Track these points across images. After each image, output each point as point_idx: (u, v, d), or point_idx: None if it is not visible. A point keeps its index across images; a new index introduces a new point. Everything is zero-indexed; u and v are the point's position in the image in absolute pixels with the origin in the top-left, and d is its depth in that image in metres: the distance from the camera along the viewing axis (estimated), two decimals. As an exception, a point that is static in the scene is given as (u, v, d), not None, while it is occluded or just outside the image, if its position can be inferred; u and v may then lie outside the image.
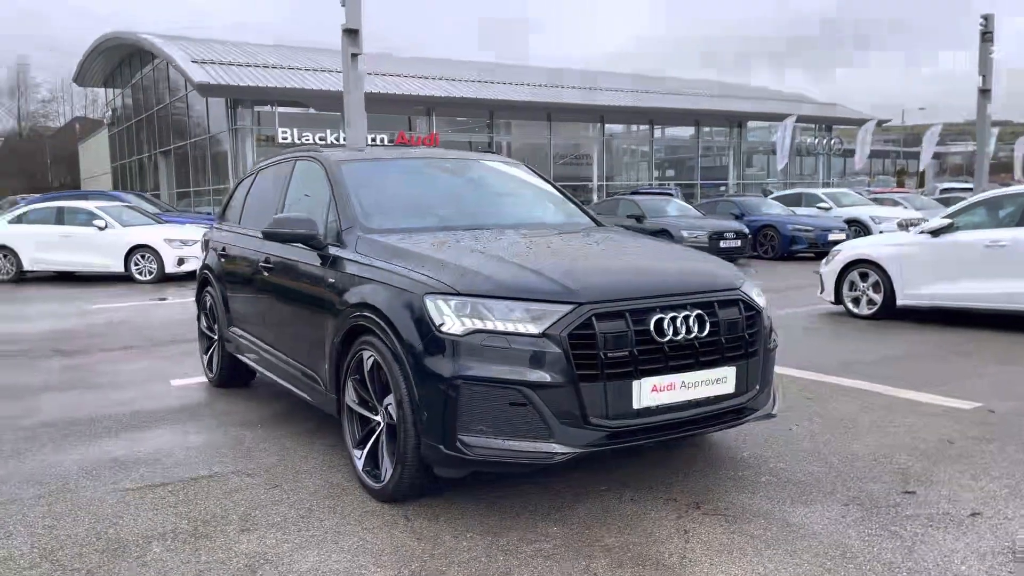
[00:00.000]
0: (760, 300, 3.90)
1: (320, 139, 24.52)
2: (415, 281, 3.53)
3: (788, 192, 23.53)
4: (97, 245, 14.71)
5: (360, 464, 3.85)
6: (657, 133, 36.60)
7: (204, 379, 6.38)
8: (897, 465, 4.14)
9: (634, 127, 36.00)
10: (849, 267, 9.37)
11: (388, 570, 3.07)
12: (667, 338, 3.40)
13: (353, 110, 13.44)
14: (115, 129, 43.05)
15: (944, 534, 3.30)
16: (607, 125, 34.11)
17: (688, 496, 3.76)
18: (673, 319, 3.42)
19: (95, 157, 50.13)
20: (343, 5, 13.05)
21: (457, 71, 30.48)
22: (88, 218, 15.05)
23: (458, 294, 3.37)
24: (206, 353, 6.34)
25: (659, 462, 4.22)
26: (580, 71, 36.77)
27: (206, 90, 23.81)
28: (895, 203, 23.14)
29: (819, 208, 20.94)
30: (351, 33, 13.13)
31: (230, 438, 4.82)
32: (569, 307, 3.29)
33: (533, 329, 3.26)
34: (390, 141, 26.28)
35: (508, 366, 3.24)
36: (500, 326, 3.28)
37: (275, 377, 5.00)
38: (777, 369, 6.26)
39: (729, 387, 3.62)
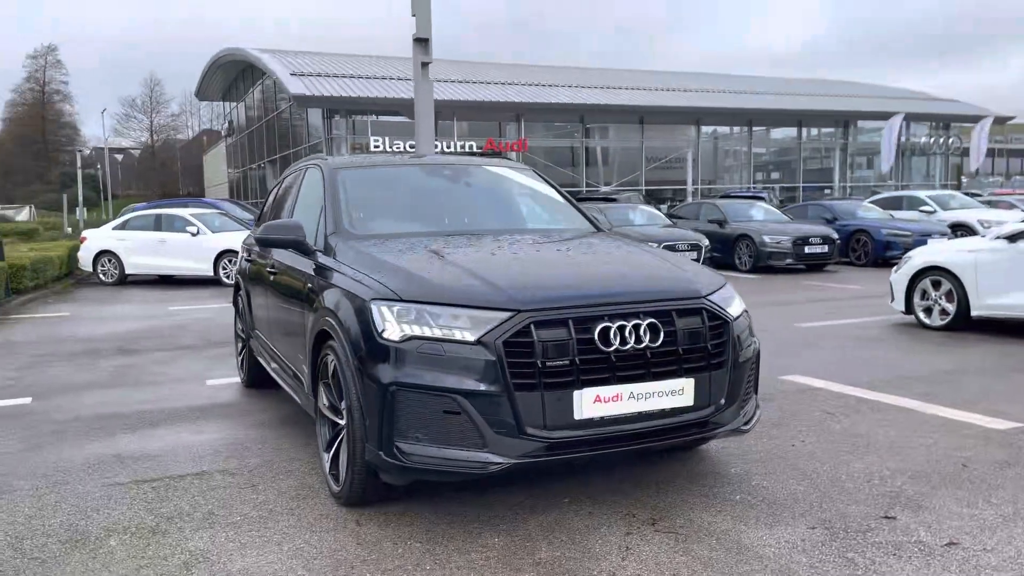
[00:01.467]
0: (732, 310, 3.72)
1: (411, 146, 25.02)
2: (366, 287, 3.56)
3: (888, 195, 22.36)
4: (190, 250, 15.54)
5: (327, 467, 3.91)
6: (761, 134, 35.51)
7: (238, 379, 6.63)
8: (891, 488, 3.86)
9: (735, 129, 35.07)
10: (920, 275, 8.80)
11: (314, 574, 3.10)
12: (613, 347, 3.29)
13: (421, 119, 13.65)
14: (231, 140, 45.39)
15: (904, 564, 3.05)
16: (704, 127, 33.40)
17: (649, 512, 3.63)
18: (621, 328, 3.31)
19: (215, 167, 53.07)
20: (413, 15, 13.32)
21: (549, 76, 30.54)
22: (183, 224, 15.92)
23: (401, 300, 3.37)
24: (239, 355, 6.60)
25: (635, 475, 4.09)
26: (675, 72, 36.19)
27: (303, 101, 24.80)
28: (1011, 206, 21.61)
29: (922, 212, 19.78)
30: (421, 42, 13.37)
31: (234, 438, 4.99)
32: (507, 314, 3.24)
33: (468, 336, 3.22)
34: (479, 148, 26.61)
35: (443, 373, 3.22)
36: (437, 333, 3.26)
37: (278, 379, 5.15)
38: (814, 382, 6.07)
39: (686, 400, 3.47)
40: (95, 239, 16.40)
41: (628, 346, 3.32)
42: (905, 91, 40.91)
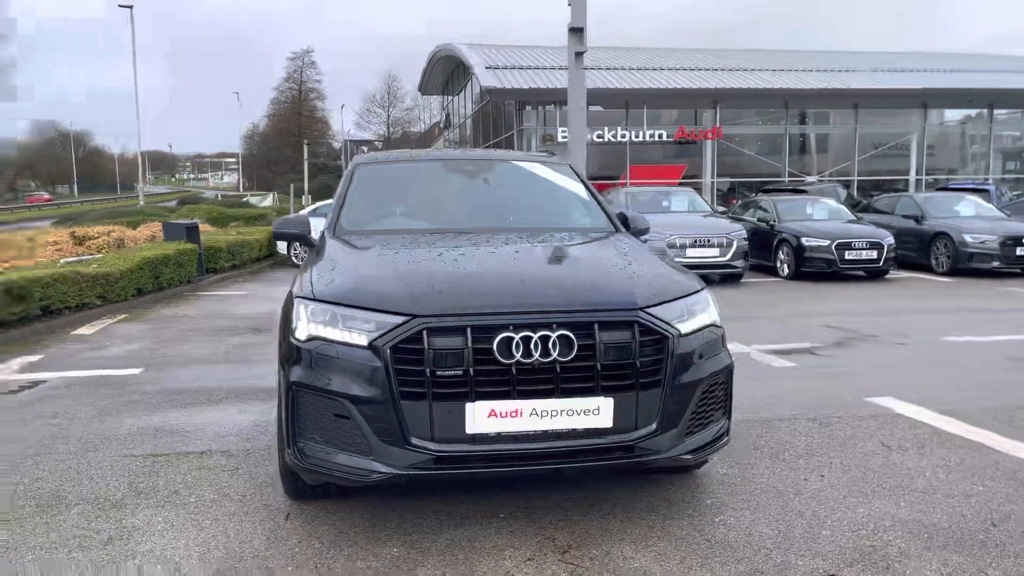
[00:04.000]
0: (683, 325, 3.33)
1: (598, 137, 24.86)
2: (300, 284, 3.59)
3: None
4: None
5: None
6: (1002, 116, 31.34)
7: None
8: (874, 542, 3.28)
9: (971, 112, 31.24)
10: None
11: (204, 559, 3.19)
12: (514, 359, 3.07)
13: (573, 108, 13.52)
14: (448, 133, 47.66)
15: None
16: (937, 110, 30.06)
17: (572, 539, 3.35)
18: (525, 339, 3.08)
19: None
20: (569, 4, 13.18)
21: (750, 60, 28.94)
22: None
23: (315, 300, 3.37)
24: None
25: (595, 495, 3.80)
26: (894, 52, 32.82)
27: (494, 93, 25.41)
28: None
29: None
30: (576, 32, 13.21)
31: (267, 420, 5.25)
32: (401, 319, 3.12)
33: (361, 340, 3.15)
34: (669, 137, 25.87)
35: (335, 376, 3.17)
36: (336, 335, 3.22)
37: None
38: (901, 407, 5.29)
39: (603, 421, 3.16)
40: (289, 225, 17.90)
41: (532, 359, 3.08)
42: None
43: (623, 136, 25.26)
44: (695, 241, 12.92)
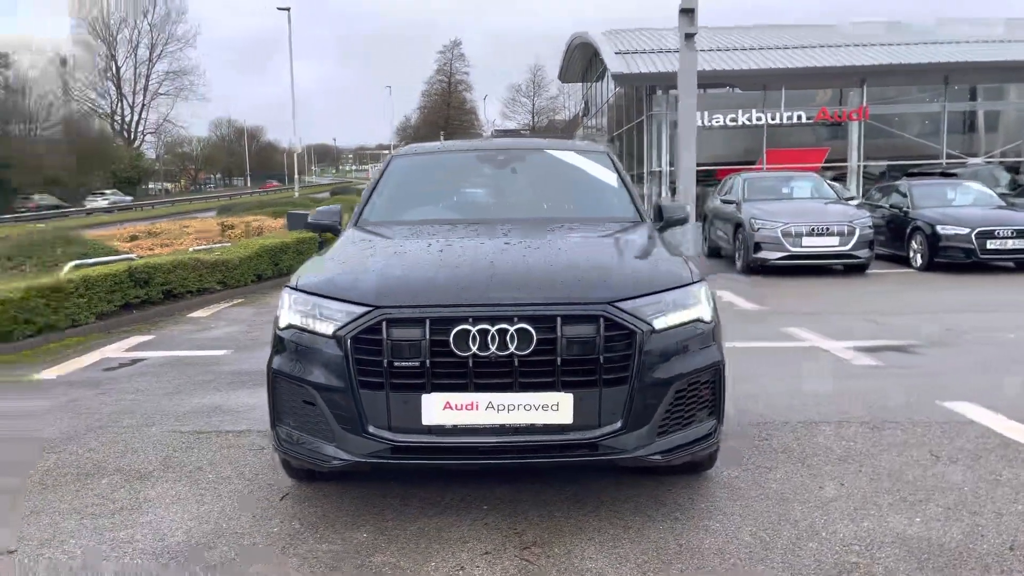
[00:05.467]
0: (658, 320, 3.19)
1: (731, 120, 23.95)
2: (296, 274, 3.72)
3: None
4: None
5: None
6: None
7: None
8: (857, 560, 3.02)
9: None
10: None
11: (189, 534, 3.38)
12: (470, 352, 3.05)
13: (684, 91, 13.12)
14: (587, 121, 47.42)
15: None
16: None
17: (540, 535, 3.29)
18: (482, 332, 3.05)
19: (577, 145, 55.90)
20: (679, -15, 12.77)
21: (903, 35, 26.85)
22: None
23: (297, 289, 3.48)
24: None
25: (588, 490, 3.70)
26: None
27: (621, 80, 24.99)
28: None
29: None
30: (687, 12, 12.81)
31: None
32: (364, 310, 3.17)
33: (328, 330, 3.22)
34: (808, 118, 24.51)
35: (305, 364, 3.27)
36: (308, 324, 3.31)
37: None
38: (977, 413, 4.83)
39: (563, 417, 3.08)
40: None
41: (489, 352, 3.05)
42: None
43: (759, 119, 24.16)
44: (812, 229, 12.21)
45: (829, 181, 16.42)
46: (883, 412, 4.92)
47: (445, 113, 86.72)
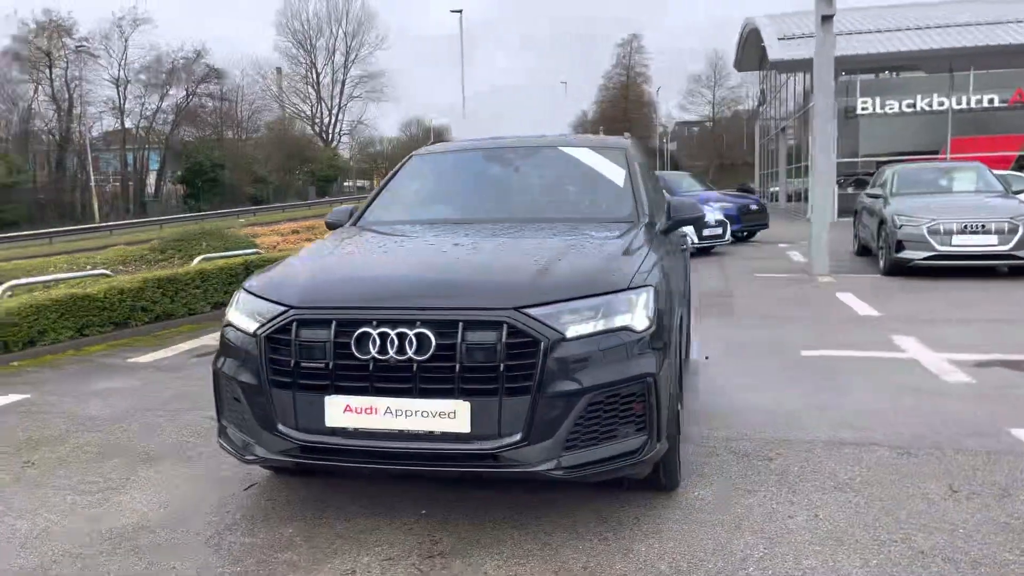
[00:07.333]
0: (577, 328, 3.00)
1: (907, 106, 21.97)
2: (253, 275, 3.84)
3: None
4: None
5: None
6: None
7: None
8: (772, 603, 2.68)
9: None
10: None
11: (144, 516, 3.59)
12: (369, 355, 3.03)
13: (819, 82, 12.17)
14: (764, 110, 45.31)
15: None
16: None
17: (455, 544, 3.19)
18: (383, 335, 3.02)
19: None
20: (818, -38, 11.84)
21: None
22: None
23: (243, 289, 3.59)
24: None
25: (544, 504, 3.55)
26: None
27: (780, 66, 23.64)
28: None
29: None
30: (825, -7, 11.84)
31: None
32: (280, 310, 3.22)
33: (250, 328, 3.31)
34: (1002, 101, 21.98)
35: (232, 361, 3.38)
36: (240, 322, 3.41)
37: None
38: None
39: (460, 426, 2.98)
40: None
41: (387, 356, 3.01)
42: None
43: (941, 104, 22.01)
44: (964, 227, 10.94)
45: (1002, 172, 14.65)
46: (932, 436, 4.35)
47: (623, 106, 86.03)
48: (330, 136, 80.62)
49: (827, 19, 11.90)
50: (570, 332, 3.01)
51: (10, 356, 7.13)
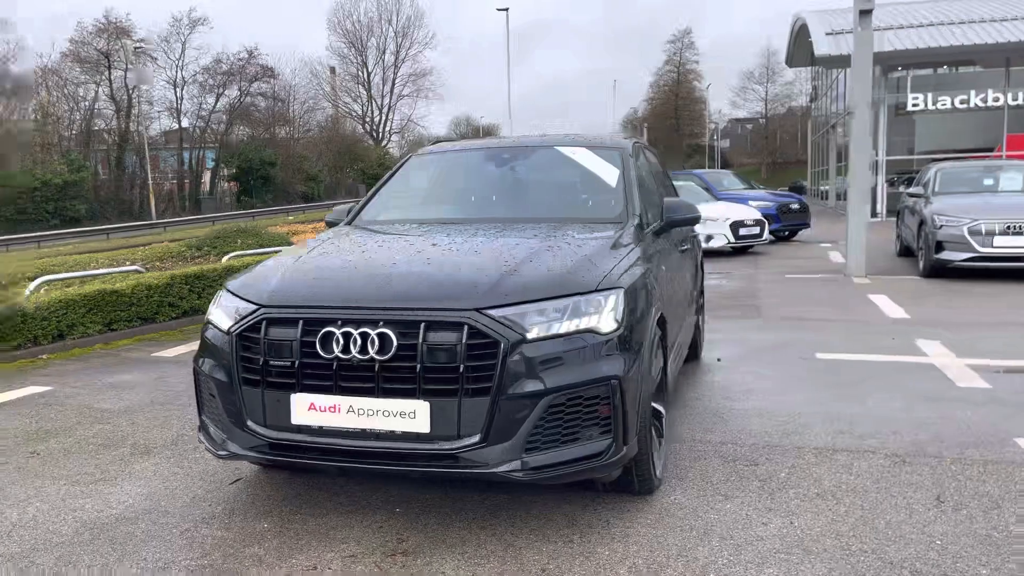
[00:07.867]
0: (539, 329, 3.00)
1: (960, 102, 21.29)
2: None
3: None
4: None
5: None
6: None
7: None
8: (722, 612, 2.64)
9: None
10: None
11: (130, 507, 3.68)
12: (333, 354, 3.06)
13: (857, 79, 11.92)
14: (817, 107, 44.44)
15: None
16: None
17: (419, 543, 3.21)
18: (346, 335, 3.05)
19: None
20: (854, -44, 11.56)
21: None
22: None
23: (224, 288, 3.66)
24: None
25: (524, 504, 3.55)
26: None
27: (825, 62, 23.10)
28: None
29: None
30: (863, -13, 11.55)
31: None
32: (252, 308, 3.28)
33: (224, 326, 3.37)
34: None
35: (209, 359, 3.45)
36: (217, 320, 3.47)
37: None
38: None
39: (420, 425, 2.99)
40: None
41: (350, 355, 3.04)
42: None
43: (996, 100, 21.27)
44: (1008, 227, 10.55)
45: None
46: (934, 444, 4.22)
47: (674, 103, 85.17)
48: (380, 134, 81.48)
49: (865, 13, 11.63)
50: (532, 333, 3.00)
51: (40, 349, 7.38)
